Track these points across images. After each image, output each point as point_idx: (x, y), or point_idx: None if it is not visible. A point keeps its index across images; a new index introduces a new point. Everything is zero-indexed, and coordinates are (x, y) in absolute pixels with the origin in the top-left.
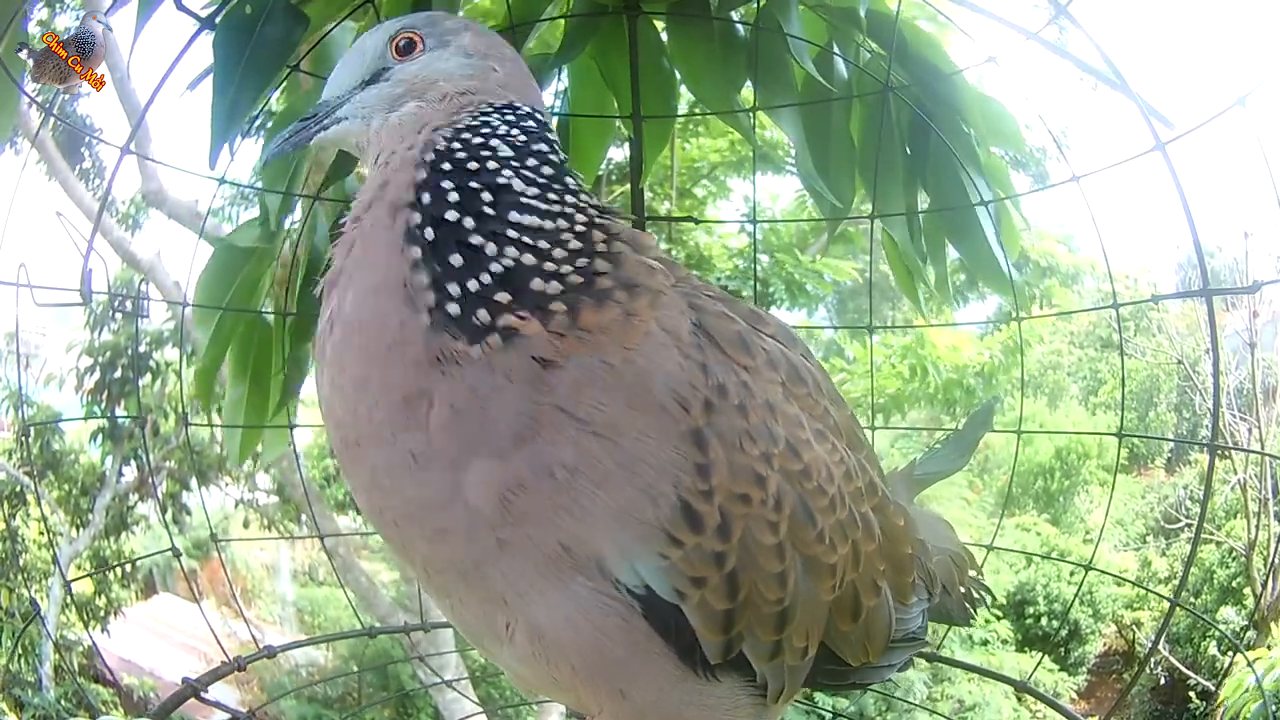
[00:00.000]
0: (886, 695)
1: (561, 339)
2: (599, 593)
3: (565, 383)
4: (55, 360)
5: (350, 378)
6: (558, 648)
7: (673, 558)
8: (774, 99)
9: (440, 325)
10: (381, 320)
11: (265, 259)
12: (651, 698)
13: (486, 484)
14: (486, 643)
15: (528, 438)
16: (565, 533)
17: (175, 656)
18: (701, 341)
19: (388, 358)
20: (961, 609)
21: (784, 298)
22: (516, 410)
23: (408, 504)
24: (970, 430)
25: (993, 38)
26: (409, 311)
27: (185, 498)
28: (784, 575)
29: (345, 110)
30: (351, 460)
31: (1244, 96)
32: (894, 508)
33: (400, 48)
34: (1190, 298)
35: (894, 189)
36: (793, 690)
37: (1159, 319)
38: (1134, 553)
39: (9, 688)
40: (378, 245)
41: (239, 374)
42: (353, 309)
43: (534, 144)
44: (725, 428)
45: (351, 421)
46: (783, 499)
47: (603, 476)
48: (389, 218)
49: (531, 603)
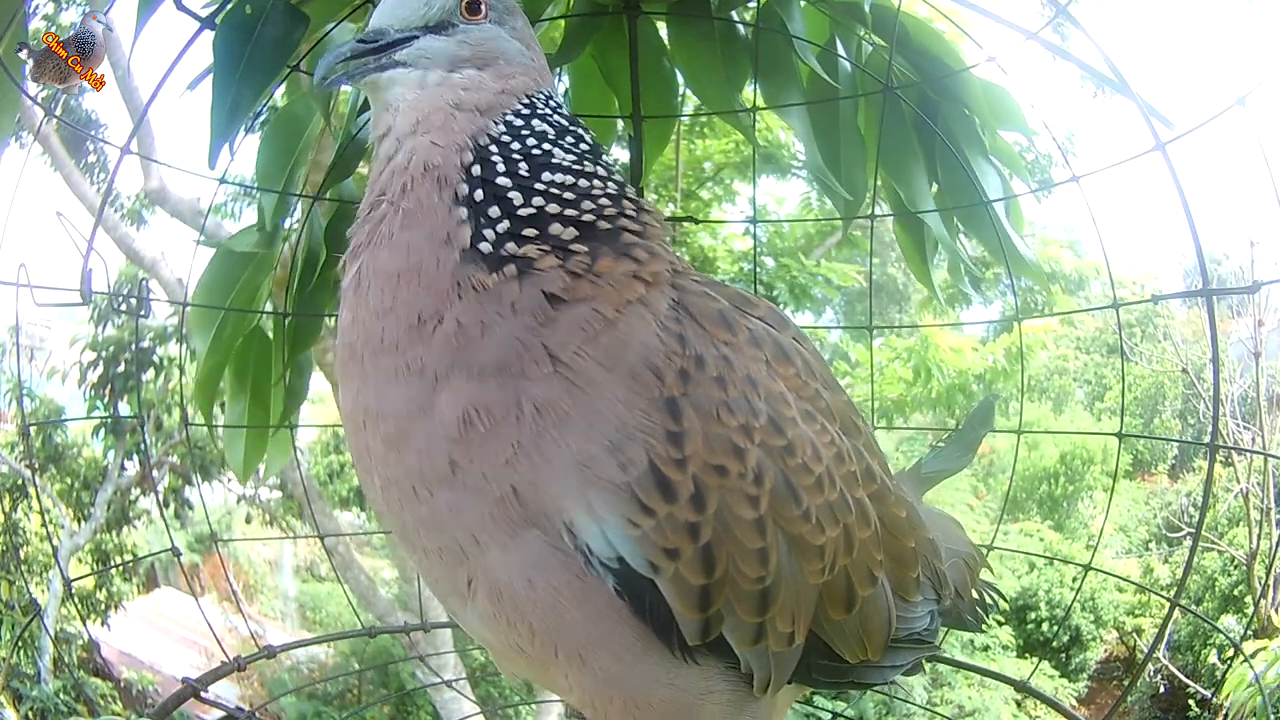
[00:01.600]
0: (887, 699)
1: (576, 279)
2: (552, 547)
3: (561, 325)
4: (59, 354)
5: (373, 308)
6: (514, 606)
7: (645, 527)
8: (778, 97)
9: (469, 259)
10: (418, 264)
11: (264, 265)
12: (612, 668)
13: (456, 398)
14: (452, 603)
15: (509, 367)
16: (519, 476)
17: (176, 651)
18: (680, 315)
19: (415, 289)
20: (973, 613)
21: (788, 301)
22: (509, 339)
23: (383, 405)
24: (971, 429)
25: (993, 38)
26: (446, 252)
27: (187, 493)
28: (765, 552)
29: (407, 54)
30: (350, 375)
31: (1244, 96)
32: (895, 499)
33: (470, 6)
34: (1191, 298)
35: (915, 177)
36: (780, 681)
37: (1164, 326)
38: (1137, 559)
39: (8, 681)
40: (424, 210)
41: (238, 389)
42: (390, 257)
43: (571, 126)
44: (701, 398)
45: (364, 339)
46: (763, 473)
47: (564, 424)
48: (434, 189)
49: (489, 556)
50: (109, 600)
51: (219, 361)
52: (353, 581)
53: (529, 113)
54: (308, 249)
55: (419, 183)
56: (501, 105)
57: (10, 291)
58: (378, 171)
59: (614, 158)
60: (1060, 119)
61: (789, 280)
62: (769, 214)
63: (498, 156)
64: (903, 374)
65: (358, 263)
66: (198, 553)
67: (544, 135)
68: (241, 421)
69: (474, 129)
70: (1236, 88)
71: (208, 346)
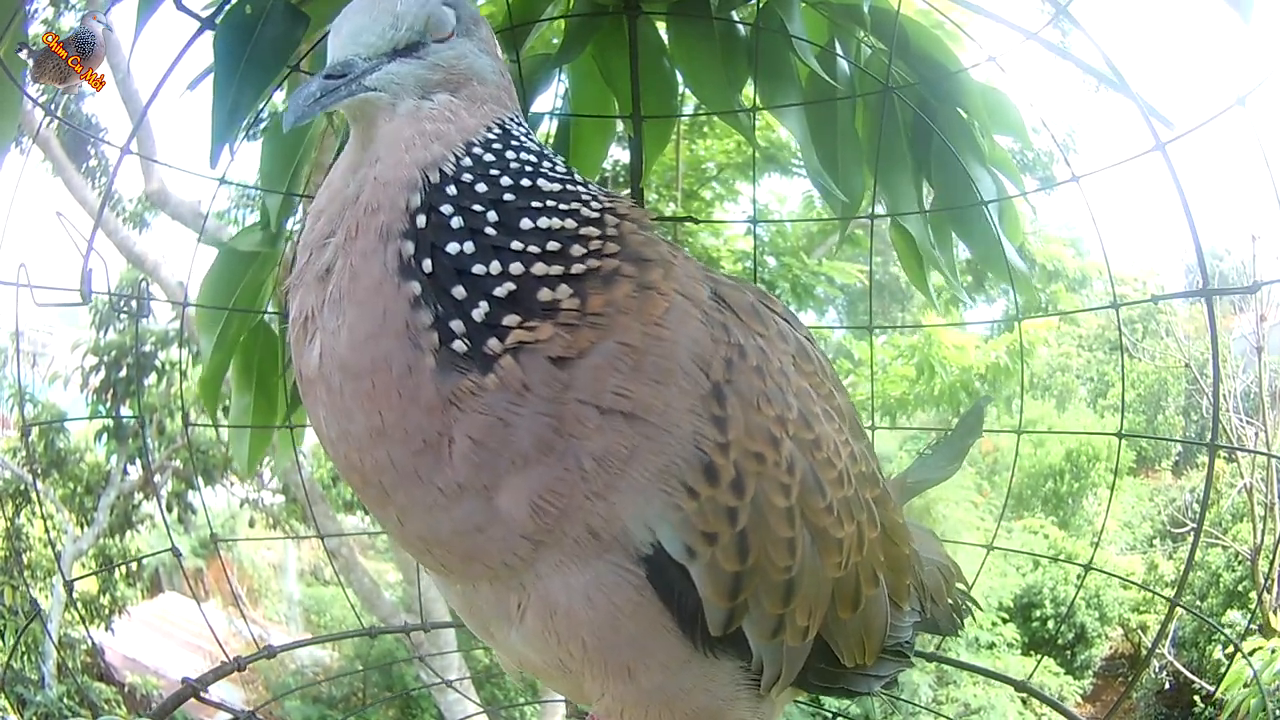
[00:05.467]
0: (892, 698)
1: (574, 330)
2: (618, 567)
3: (584, 373)
4: (61, 359)
5: (364, 427)
6: (570, 625)
7: (688, 510)
8: (777, 97)
9: (448, 364)
10: (386, 366)
11: (268, 264)
12: (658, 679)
13: (518, 497)
14: (493, 626)
15: (553, 441)
16: (595, 518)
17: (180, 655)
18: (721, 306)
19: (400, 406)
20: (949, 619)
21: (791, 300)
22: (539, 419)
23: (439, 533)
24: (959, 437)
25: (993, 38)
26: (415, 354)
27: (191, 496)
28: (793, 543)
29: (376, 80)
30: (374, 500)
31: (1244, 96)
32: (893, 505)
33: (437, 23)
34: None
35: (902, 183)
36: (787, 680)
37: (1167, 323)
38: (1141, 556)
39: (11, 685)
40: (369, 279)
41: (244, 383)
42: (350, 353)
43: (543, 149)
44: (744, 386)
45: (373, 467)
46: (794, 464)
47: (630, 455)
48: (379, 246)
49: (550, 582)
50: (113, 605)
51: (224, 357)
52: (356, 584)
53: (501, 144)
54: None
55: (364, 230)
56: (468, 127)
57: (10, 294)
58: (329, 196)
59: (615, 158)
60: (1061, 118)
61: (791, 279)
62: (771, 213)
63: (452, 206)
64: (905, 372)
65: (314, 342)
66: (201, 557)
67: (522, 169)
68: (247, 413)
69: (428, 160)
70: (1236, 88)
71: (213, 342)
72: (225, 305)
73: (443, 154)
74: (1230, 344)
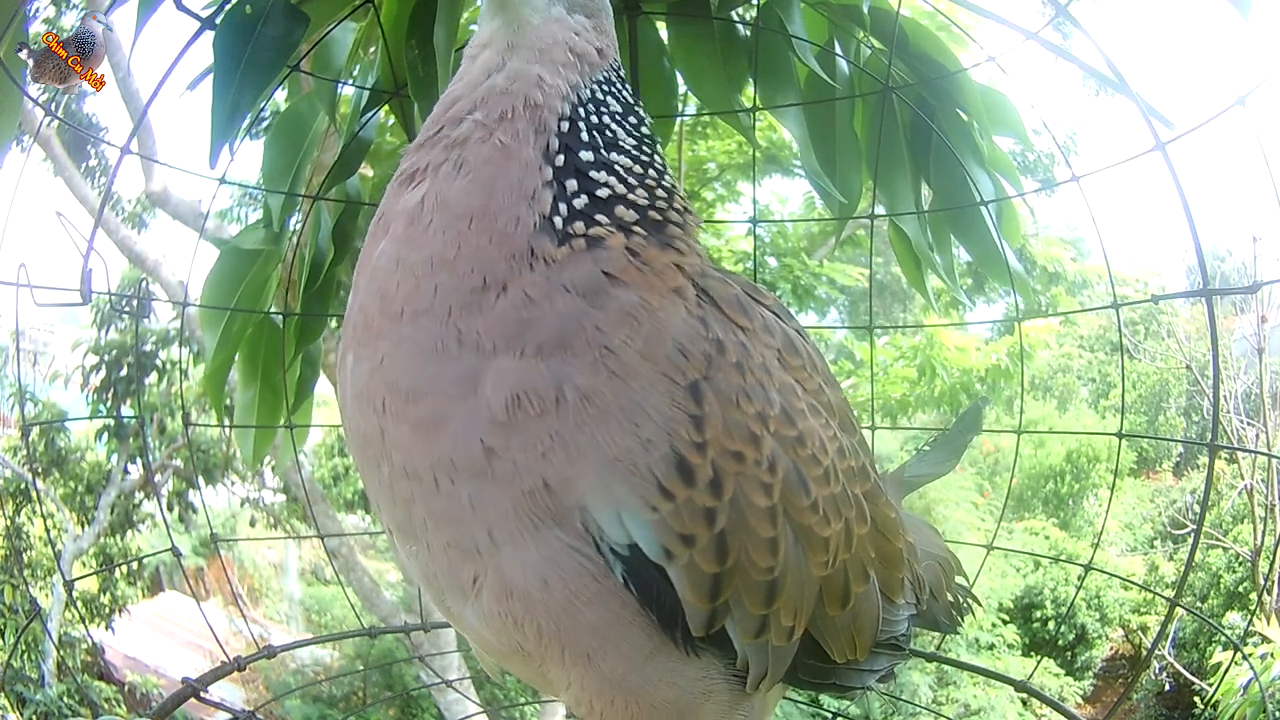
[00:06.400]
0: (892, 698)
1: (630, 262)
2: (574, 549)
3: (613, 308)
4: (62, 358)
5: (429, 253)
6: (526, 607)
7: (663, 511)
8: (776, 98)
9: (543, 228)
10: (494, 214)
11: (271, 261)
12: (620, 669)
13: (503, 379)
14: (449, 600)
15: (559, 348)
16: (552, 468)
17: (181, 654)
18: (703, 299)
19: (486, 244)
20: (948, 615)
21: (792, 301)
22: (564, 318)
23: (418, 381)
24: (958, 433)
25: (993, 38)
26: (527, 212)
27: (191, 496)
28: (775, 542)
29: None
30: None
31: (1244, 96)
32: (885, 499)
33: None
34: (1191, 298)
35: (900, 184)
36: (774, 678)
37: (1168, 323)
38: (1141, 556)
39: (11, 684)
40: (515, 154)
41: (249, 377)
42: (465, 192)
43: (635, 104)
44: (722, 383)
45: (406, 292)
46: (776, 462)
47: (604, 416)
48: (530, 133)
49: (503, 554)
50: (113, 604)
51: (229, 352)
52: (356, 584)
53: (619, 86)
54: (315, 248)
55: (519, 115)
56: (596, 66)
57: (11, 294)
58: (467, 85)
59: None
60: (1062, 118)
61: (792, 280)
62: (772, 214)
63: (583, 123)
64: (907, 373)
65: (419, 187)
66: (202, 556)
67: (614, 114)
68: (253, 406)
69: (574, 81)
70: (1236, 88)
71: (217, 337)
72: (228, 303)
73: (579, 80)
74: (1231, 345)
